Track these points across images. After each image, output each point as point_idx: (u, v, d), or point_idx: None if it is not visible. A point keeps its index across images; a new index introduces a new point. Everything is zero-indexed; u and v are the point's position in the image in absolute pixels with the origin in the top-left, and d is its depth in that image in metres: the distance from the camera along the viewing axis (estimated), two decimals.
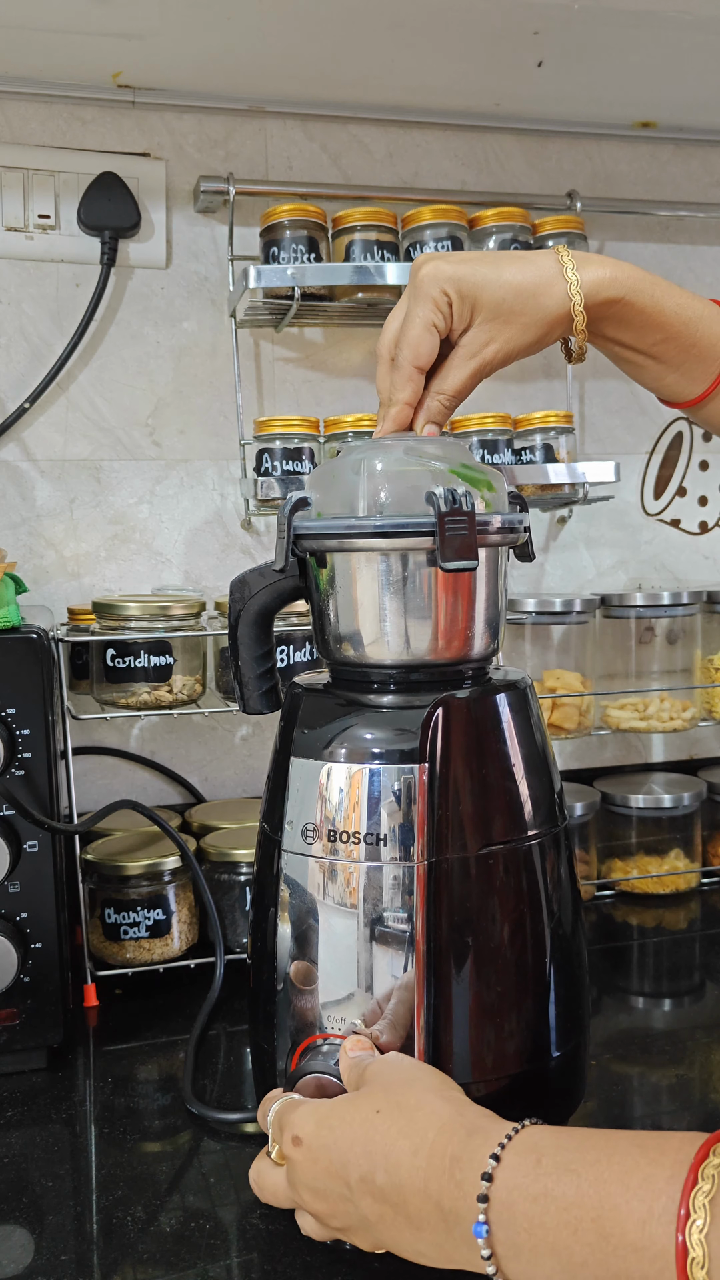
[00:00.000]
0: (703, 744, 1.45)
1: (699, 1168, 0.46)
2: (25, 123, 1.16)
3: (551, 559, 1.37)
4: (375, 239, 1.16)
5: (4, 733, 0.82)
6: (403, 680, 0.68)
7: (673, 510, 1.42)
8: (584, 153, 1.34)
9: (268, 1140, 0.63)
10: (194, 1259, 0.64)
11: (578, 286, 0.70)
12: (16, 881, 0.84)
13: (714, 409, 0.77)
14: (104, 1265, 0.64)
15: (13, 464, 1.18)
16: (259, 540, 1.26)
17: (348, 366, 1.28)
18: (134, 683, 1.04)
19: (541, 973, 0.68)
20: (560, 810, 0.71)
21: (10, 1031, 0.84)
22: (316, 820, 0.66)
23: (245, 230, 1.22)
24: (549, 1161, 0.50)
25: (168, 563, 1.24)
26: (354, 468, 0.67)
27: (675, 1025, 0.95)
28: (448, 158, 1.30)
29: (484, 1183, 0.51)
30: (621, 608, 1.22)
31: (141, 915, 1.00)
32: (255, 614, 0.71)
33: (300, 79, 1.16)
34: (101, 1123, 0.80)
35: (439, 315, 0.70)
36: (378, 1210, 0.55)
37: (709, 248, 1.40)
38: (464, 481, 0.66)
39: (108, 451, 1.21)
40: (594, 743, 1.40)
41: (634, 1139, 0.50)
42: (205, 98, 1.20)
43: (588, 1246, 0.47)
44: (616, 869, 1.25)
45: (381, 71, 1.15)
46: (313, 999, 0.66)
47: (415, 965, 0.64)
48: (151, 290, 1.22)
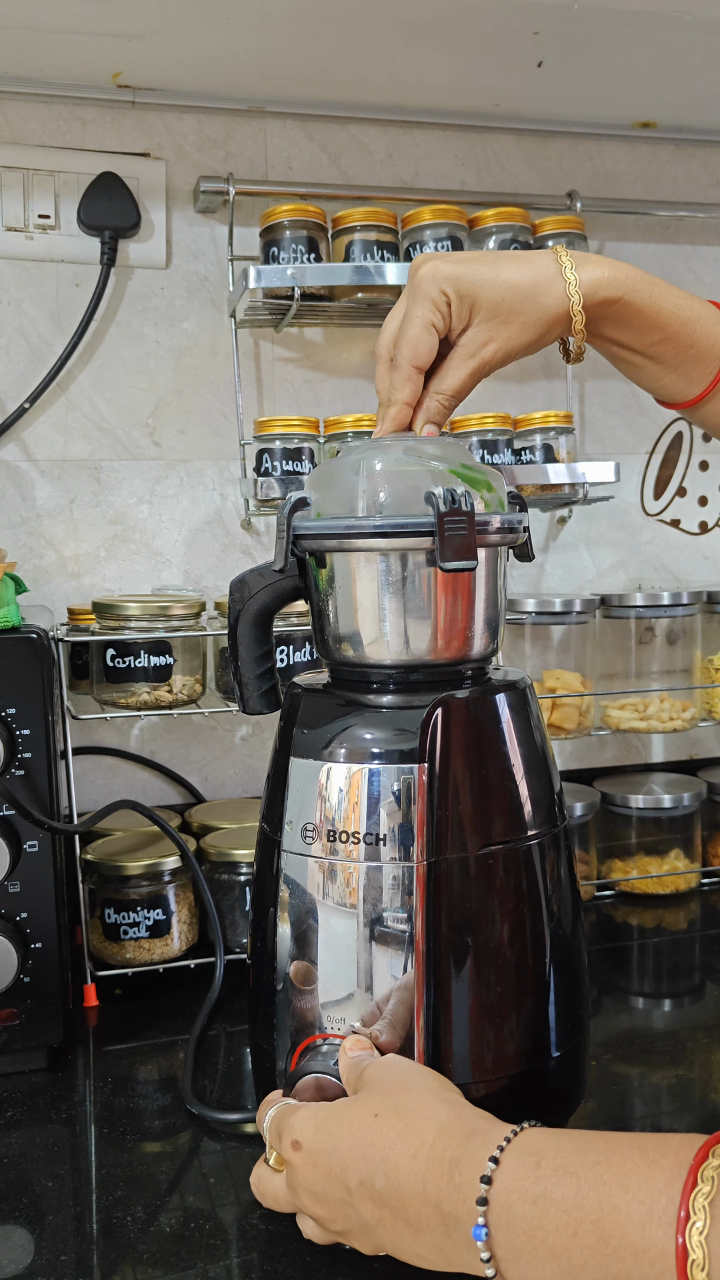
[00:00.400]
0: (703, 744, 1.45)
1: (698, 1169, 0.46)
2: (25, 123, 1.16)
3: (551, 559, 1.37)
4: (375, 239, 1.16)
5: (4, 733, 0.82)
6: (402, 680, 0.68)
7: (673, 510, 1.42)
8: (584, 153, 1.34)
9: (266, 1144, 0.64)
10: (194, 1259, 0.64)
11: (576, 286, 0.70)
12: (16, 881, 0.84)
13: (711, 410, 0.77)
14: (104, 1265, 0.64)
15: (13, 464, 1.18)
16: (259, 540, 1.26)
17: (347, 366, 1.28)
18: (134, 683, 1.04)
19: (541, 973, 0.68)
20: (560, 810, 0.71)
21: (10, 1031, 0.84)
22: (316, 820, 0.66)
23: (245, 230, 1.22)
24: (548, 1164, 0.50)
25: (168, 563, 1.24)
26: (353, 468, 0.67)
27: (675, 1025, 0.95)
28: (447, 158, 1.30)
29: (483, 1185, 0.51)
30: (621, 608, 1.22)
31: (141, 915, 1.00)
32: (255, 614, 0.71)
33: (300, 79, 1.16)
34: (101, 1123, 0.80)
35: (438, 315, 0.70)
36: (377, 1214, 0.55)
37: (709, 248, 1.40)
38: (463, 481, 0.66)
39: (108, 451, 1.21)
40: (594, 743, 1.40)
41: (633, 1141, 0.50)
42: (205, 98, 1.20)
43: (587, 1249, 0.47)
44: (616, 869, 1.25)
45: (381, 71, 1.15)
46: (312, 999, 0.66)
47: (415, 965, 0.64)
48: (151, 290, 1.22)
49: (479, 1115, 0.56)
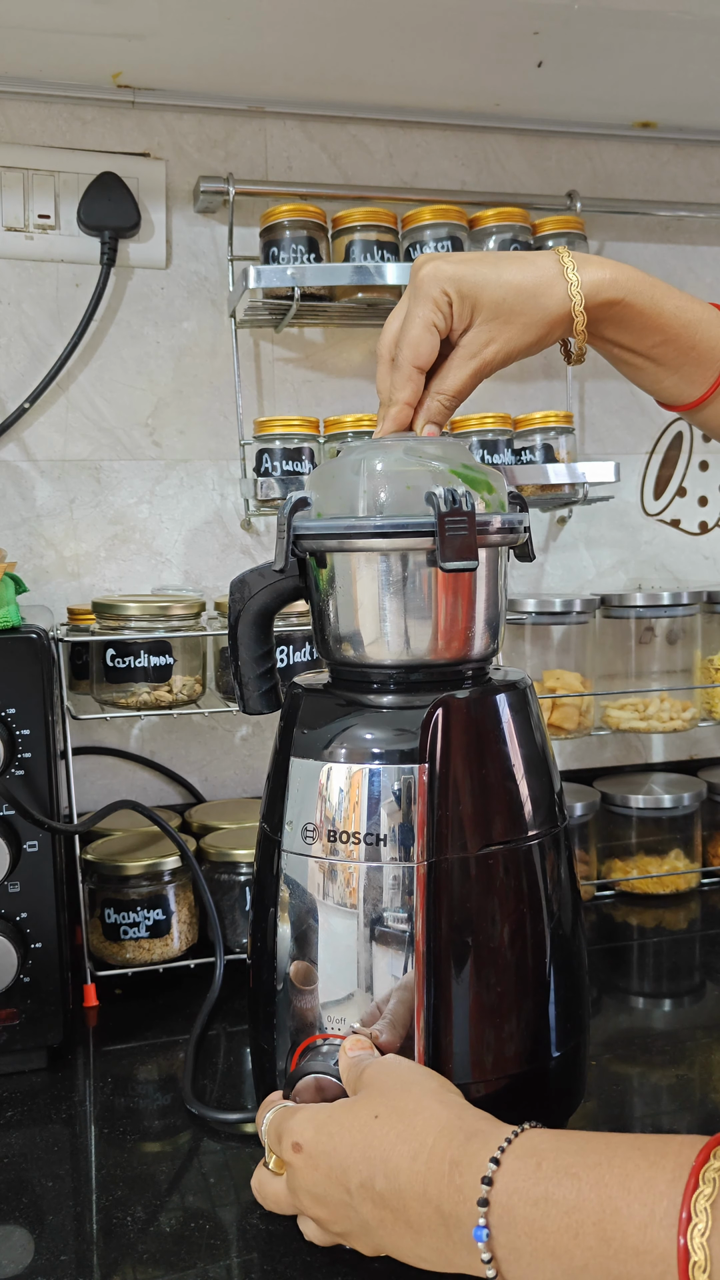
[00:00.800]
0: (703, 744, 1.45)
1: (700, 1171, 0.46)
2: (25, 123, 1.16)
3: (551, 559, 1.37)
4: (375, 239, 1.16)
5: (4, 733, 0.82)
6: (403, 680, 0.68)
7: (673, 510, 1.42)
8: (584, 153, 1.34)
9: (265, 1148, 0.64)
10: (194, 1259, 0.64)
11: (578, 287, 0.70)
12: (16, 881, 0.84)
13: (712, 412, 0.77)
14: (104, 1265, 0.64)
15: (13, 464, 1.18)
16: (259, 540, 1.26)
17: (347, 366, 1.28)
18: (134, 683, 1.04)
19: (541, 973, 0.68)
20: (560, 810, 0.71)
21: (10, 1031, 0.84)
22: (316, 820, 0.66)
23: (245, 230, 1.22)
24: (549, 1165, 0.50)
25: (168, 563, 1.24)
26: (354, 468, 0.67)
27: (675, 1025, 0.95)
28: (447, 158, 1.30)
29: (484, 1186, 0.51)
30: (621, 608, 1.22)
31: (141, 915, 1.00)
32: (255, 614, 0.71)
33: (300, 79, 1.16)
34: (101, 1123, 0.79)
35: (439, 315, 0.70)
36: (378, 1215, 0.55)
37: (709, 248, 1.40)
38: (464, 482, 0.66)
39: (108, 451, 1.21)
40: (594, 743, 1.40)
41: (634, 1142, 0.50)
42: (205, 98, 1.19)
43: (588, 1250, 0.47)
44: (616, 869, 1.25)
45: (381, 71, 1.15)
46: (312, 999, 0.66)
47: (415, 965, 0.64)
48: (151, 290, 1.22)
49: (479, 1116, 0.56)
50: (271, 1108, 0.64)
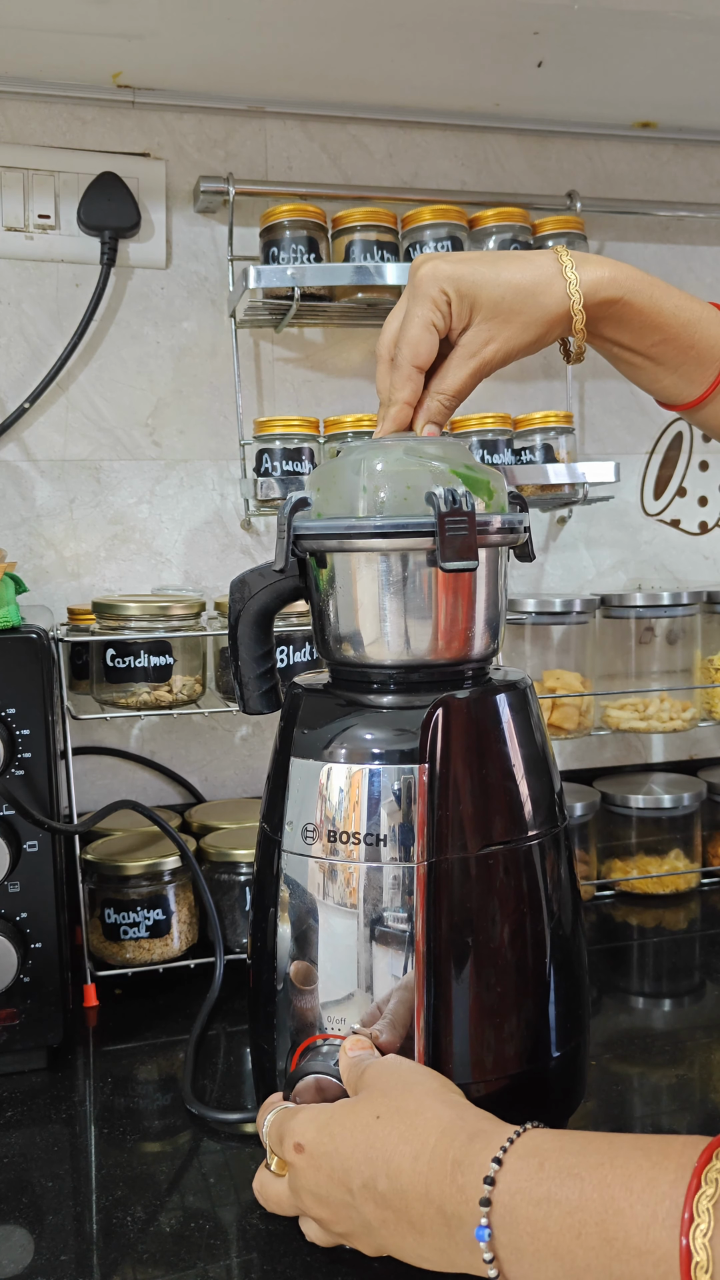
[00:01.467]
0: (703, 744, 1.45)
1: (702, 1171, 0.46)
2: (25, 123, 1.16)
3: (551, 559, 1.37)
4: (375, 239, 1.16)
5: (4, 733, 0.82)
6: (403, 680, 0.68)
7: (673, 510, 1.42)
8: (584, 153, 1.34)
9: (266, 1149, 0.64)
10: (194, 1259, 0.64)
11: (577, 286, 0.70)
12: (16, 881, 0.84)
13: (711, 412, 0.77)
14: (104, 1265, 0.64)
15: (13, 464, 1.18)
16: (259, 540, 1.26)
17: (347, 366, 1.28)
18: (134, 683, 1.04)
19: (541, 973, 0.68)
20: (560, 810, 0.71)
21: (10, 1031, 0.84)
22: (316, 820, 0.66)
23: (245, 230, 1.22)
24: (552, 1165, 0.50)
25: (168, 563, 1.24)
26: (354, 468, 0.67)
27: (675, 1025, 0.95)
28: (447, 158, 1.30)
29: (486, 1186, 0.51)
30: (621, 608, 1.22)
31: (141, 915, 1.00)
32: (255, 614, 0.71)
33: (300, 79, 1.16)
34: (101, 1123, 0.79)
35: (438, 314, 0.69)
36: (380, 1215, 0.55)
37: (709, 248, 1.40)
38: (464, 482, 0.66)
39: (108, 451, 1.21)
40: (594, 743, 1.40)
41: (637, 1142, 0.50)
42: (205, 98, 1.19)
43: (591, 1250, 0.47)
44: (616, 869, 1.25)
45: (381, 71, 1.15)
46: (313, 999, 0.66)
47: (415, 965, 0.64)
48: (151, 290, 1.22)
49: (481, 1116, 0.56)
50: (272, 1109, 0.64)
